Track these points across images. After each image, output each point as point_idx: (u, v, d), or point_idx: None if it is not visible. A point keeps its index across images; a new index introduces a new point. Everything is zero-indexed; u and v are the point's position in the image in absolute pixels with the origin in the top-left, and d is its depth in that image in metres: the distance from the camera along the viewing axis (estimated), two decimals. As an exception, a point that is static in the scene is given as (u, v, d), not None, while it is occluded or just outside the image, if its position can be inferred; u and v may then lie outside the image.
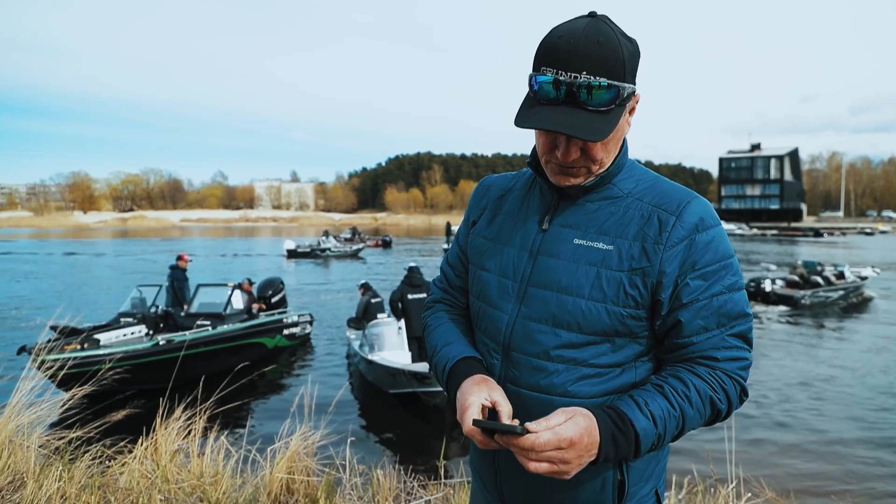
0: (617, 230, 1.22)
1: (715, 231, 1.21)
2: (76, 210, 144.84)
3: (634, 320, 1.20)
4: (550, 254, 1.26)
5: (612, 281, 1.19)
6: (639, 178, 1.29)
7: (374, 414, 8.89)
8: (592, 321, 1.19)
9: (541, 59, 1.15)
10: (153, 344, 9.39)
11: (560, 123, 1.13)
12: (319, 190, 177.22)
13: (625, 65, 1.13)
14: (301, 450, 3.46)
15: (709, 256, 1.19)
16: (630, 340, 1.22)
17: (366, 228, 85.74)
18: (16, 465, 3.51)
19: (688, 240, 1.18)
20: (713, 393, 1.19)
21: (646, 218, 1.21)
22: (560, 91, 1.13)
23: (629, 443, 1.13)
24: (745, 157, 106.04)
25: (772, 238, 66.45)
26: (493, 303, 1.32)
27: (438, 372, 1.38)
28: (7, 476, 3.45)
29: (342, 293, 21.36)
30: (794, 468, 6.97)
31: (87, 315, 14.11)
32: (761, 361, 11.82)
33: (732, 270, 1.21)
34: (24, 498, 3.19)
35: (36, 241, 63.23)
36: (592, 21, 1.14)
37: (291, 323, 12.58)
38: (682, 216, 1.19)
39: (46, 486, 3.19)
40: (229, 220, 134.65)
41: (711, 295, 1.19)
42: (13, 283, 25.60)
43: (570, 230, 1.25)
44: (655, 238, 1.18)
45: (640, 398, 1.17)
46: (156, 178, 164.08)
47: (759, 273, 22.32)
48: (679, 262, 1.18)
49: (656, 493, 1.34)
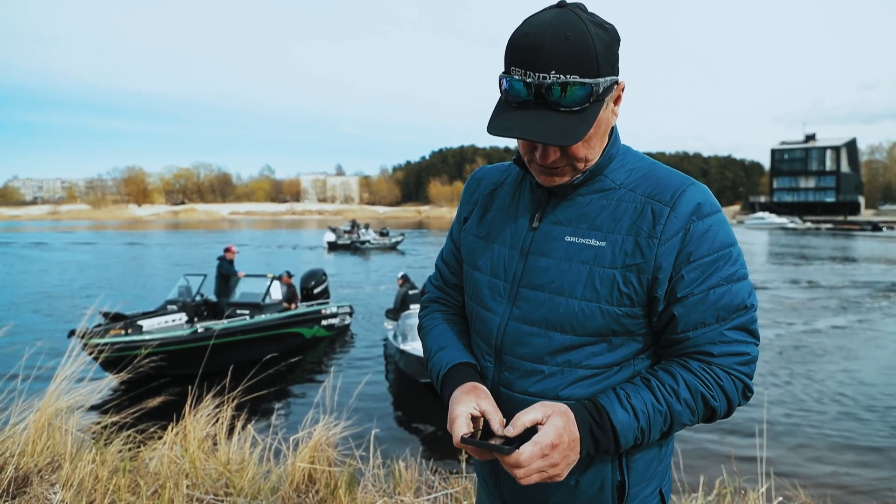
0: (609, 225, 1.16)
1: (712, 219, 1.14)
2: (131, 203, 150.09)
3: (630, 318, 1.16)
4: (541, 252, 1.21)
5: (606, 279, 1.14)
6: (632, 167, 1.22)
7: (404, 403, 9.04)
8: (586, 322, 1.15)
9: (509, 59, 1.09)
10: (192, 331, 9.74)
11: (529, 130, 1.07)
12: (364, 183, 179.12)
13: (597, 58, 1.05)
14: (324, 440, 3.50)
15: (705, 247, 1.12)
16: (628, 339, 1.18)
17: (409, 221, 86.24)
18: (54, 447, 3.66)
19: (683, 231, 1.12)
20: (705, 389, 1.14)
21: (639, 210, 1.15)
22: (530, 93, 1.07)
23: (607, 437, 1.10)
24: (799, 147, 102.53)
25: (826, 232, 64.03)
26: (485, 304, 1.28)
27: (434, 378, 1.35)
28: (46, 457, 3.60)
29: (383, 285, 21.58)
30: (831, 473, 6.71)
31: (138, 302, 14.69)
32: (815, 364, 11.42)
33: (732, 260, 1.15)
34: (61, 479, 3.33)
35: (93, 232, 65.79)
36: (560, 13, 1.06)
37: (330, 314, 12.76)
38: (677, 206, 1.13)
39: (80, 469, 3.31)
40: (276, 213, 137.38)
41: (708, 288, 1.13)
42: (74, 272, 26.71)
43: (562, 227, 1.20)
44: (649, 232, 1.12)
45: (622, 391, 1.14)
46: (206, 172, 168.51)
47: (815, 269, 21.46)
48: (674, 255, 1.12)
49: (660, 493, 1.29)
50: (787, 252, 36.72)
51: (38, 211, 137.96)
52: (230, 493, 3.21)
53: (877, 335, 14.20)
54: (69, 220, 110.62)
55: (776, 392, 9.47)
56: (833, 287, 21.65)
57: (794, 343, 12.89)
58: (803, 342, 12.98)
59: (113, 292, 18.88)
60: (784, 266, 28.72)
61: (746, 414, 7.45)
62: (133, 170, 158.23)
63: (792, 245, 42.59)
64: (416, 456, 3.72)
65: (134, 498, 3.15)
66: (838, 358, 11.86)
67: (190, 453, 3.51)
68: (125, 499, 3.11)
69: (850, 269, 27.92)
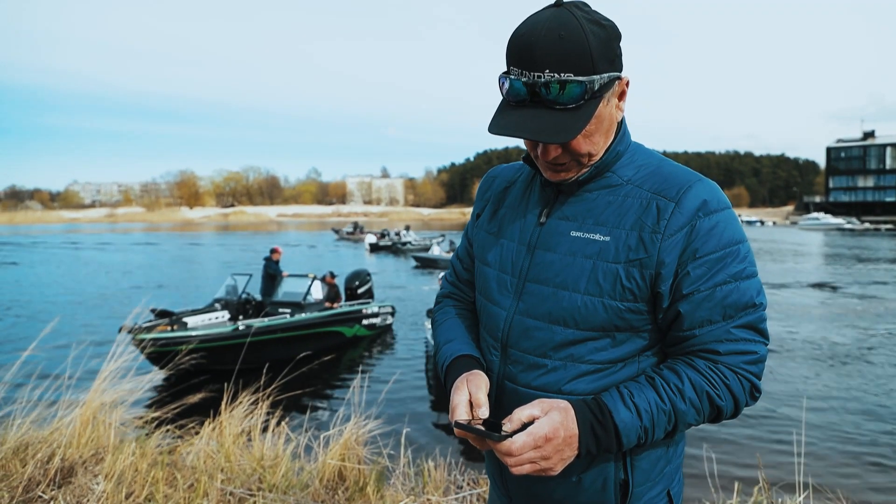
0: (614, 220, 1.16)
1: (720, 216, 1.13)
2: (183, 206, 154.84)
3: (634, 314, 1.15)
4: (547, 248, 1.22)
5: (609, 274, 1.13)
6: (641, 163, 1.22)
7: (438, 402, 9.10)
8: (589, 316, 1.15)
9: (507, 59, 1.11)
10: (233, 328, 10.03)
11: (524, 128, 1.09)
12: (409, 185, 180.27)
13: (592, 55, 1.06)
14: (354, 438, 3.54)
15: (712, 243, 1.11)
16: (632, 335, 1.17)
17: (454, 223, 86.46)
18: (98, 440, 3.81)
19: (688, 226, 1.11)
20: (711, 388, 1.12)
21: (644, 206, 1.14)
22: (527, 91, 1.09)
23: (609, 435, 1.09)
24: (856, 145, 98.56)
25: (886, 233, 61.31)
26: (492, 299, 1.30)
27: (440, 371, 1.36)
28: (91, 448, 3.75)
29: (427, 286, 21.71)
30: (872, 480, 6.41)
31: (190, 300, 15.19)
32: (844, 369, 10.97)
33: (740, 257, 1.13)
34: (103, 470, 3.46)
35: (148, 233, 68.11)
36: (556, 12, 1.08)
37: (371, 313, 12.91)
38: (682, 202, 1.12)
39: (121, 461, 3.44)
40: (322, 216, 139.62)
41: (714, 285, 1.11)
42: (129, 272, 27.70)
43: (568, 222, 1.21)
44: (653, 227, 1.12)
45: (625, 390, 1.12)
46: (255, 175, 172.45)
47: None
48: (679, 251, 1.11)
49: (669, 495, 1.27)
50: (843, 254, 35.30)
51: (96, 214, 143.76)
52: (262, 488, 3.28)
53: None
54: (125, 222, 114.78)
55: (816, 396, 9.13)
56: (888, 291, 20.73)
57: (843, 349, 12.40)
58: (855, 346, 12.48)
59: (165, 291, 19.56)
60: (838, 267, 27.65)
61: (784, 413, 7.19)
62: (185, 173, 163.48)
63: (849, 246, 40.95)
64: (445, 456, 3.73)
65: (171, 490, 3.25)
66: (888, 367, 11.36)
67: (225, 448, 3.61)
68: (163, 491, 3.21)
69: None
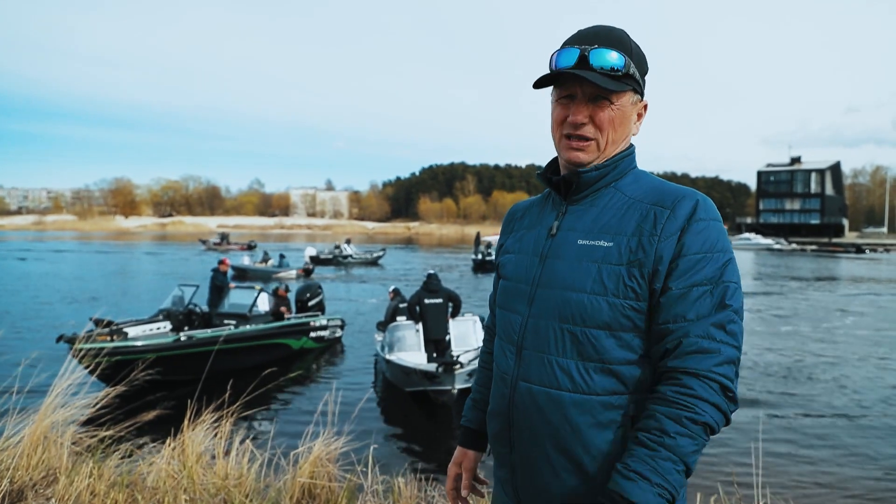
0: (617, 228, 1.29)
1: (707, 224, 1.26)
2: (118, 214, 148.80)
3: (636, 312, 1.25)
4: (557, 256, 1.34)
5: (613, 275, 1.26)
6: (644, 184, 1.37)
7: (393, 414, 9.21)
8: (594, 314, 1.26)
9: (561, 45, 1.36)
10: (174, 339, 9.84)
11: (572, 74, 1.30)
12: (353, 198, 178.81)
13: (633, 55, 1.33)
14: (324, 455, 3.50)
15: (697, 245, 1.24)
16: (636, 335, 1.26)
17: (398, 237, 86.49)
18: (49, 461, 3.62)
19: (680, 230, 1.24)
20: (685, 411, 1.17)
21: (644, 215, 1.28)
22: (575, 58, 1.30)
23: None
24: (784, 170, 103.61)
25: (811, 253, 64.63)
26: (510, 307, 1.43)
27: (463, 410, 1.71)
28: (41, 471, 3.56)
29: (374, 298, 21.58)
30: (830, 485, 6.75)
31: (131, 310, 14.65)
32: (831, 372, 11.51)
33: (720, 264, 1.24)
34: (56, 493, 3.29)
35: (80, 242, 65.15)
36: (612, 27, 1.37)
37: (319, 326, 12.78)
38: (676, 209, 1.26)
39: (77, 483, 3.28)
40: (265, 227, 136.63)
41: (692, 284, 1.22)
42: (63, 281, 26.41)
43: (575, 233, 1.34)
44: (651, 231, 1.25)
45: (619, 465, 1.18)
46: (195, 184, 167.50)
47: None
48: (672, 251, 1.23)
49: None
50: (774, 273, 37.03)
51: (22, 221, 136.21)
52: (229, 507, 3.20)
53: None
54: (54, 230, 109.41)
55: (771, 406, 9.53)
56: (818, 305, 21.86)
57: (786, 361, 12.98)
58: (796, 358, 13.09)
59: (105, 302, 18.75)
60: (772, 285, 28.98)
61: (739, 431, 7.48)
62: (121, 181, 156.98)
63: (777, 265, 42.96)
64: (414, 471, 3.71)
65: (132, 512, 3.12)
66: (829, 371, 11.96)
67: (188, 467, 3.49)
68: (123, 513, 3.08)
69: (835, 287, 28.22)
